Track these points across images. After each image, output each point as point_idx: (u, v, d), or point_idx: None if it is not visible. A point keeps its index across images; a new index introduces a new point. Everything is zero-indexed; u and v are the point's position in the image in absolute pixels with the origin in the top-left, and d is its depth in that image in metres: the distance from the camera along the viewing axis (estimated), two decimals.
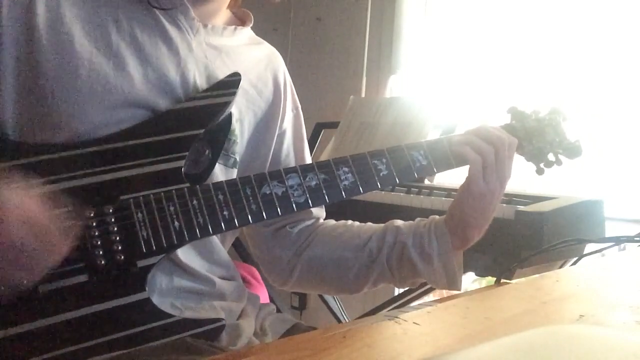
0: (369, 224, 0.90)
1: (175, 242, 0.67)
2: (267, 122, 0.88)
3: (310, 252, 0.89)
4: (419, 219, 0.87)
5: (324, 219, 0.95)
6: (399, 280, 0.87)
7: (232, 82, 0.76)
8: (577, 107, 0.97)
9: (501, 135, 0.81)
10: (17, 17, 0.67)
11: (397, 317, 0.54)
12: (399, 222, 0.88)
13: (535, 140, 0.93)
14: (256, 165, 0.86)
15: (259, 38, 0.93)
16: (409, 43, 2.21)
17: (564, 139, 0.94)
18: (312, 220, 0.93)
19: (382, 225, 0.88)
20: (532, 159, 0.94)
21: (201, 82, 0.76)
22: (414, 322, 0.53)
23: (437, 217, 0.85)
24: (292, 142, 0.93)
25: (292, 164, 0.91)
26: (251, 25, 0.90)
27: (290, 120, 0.93)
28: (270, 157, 0.89)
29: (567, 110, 0.96)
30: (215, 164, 0.77)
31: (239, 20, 0.90)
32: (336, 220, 0.94)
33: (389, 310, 0.91)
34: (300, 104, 0.96)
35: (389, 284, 0.89)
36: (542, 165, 0.95)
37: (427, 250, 0.82)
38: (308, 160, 0.95)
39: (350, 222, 0.93)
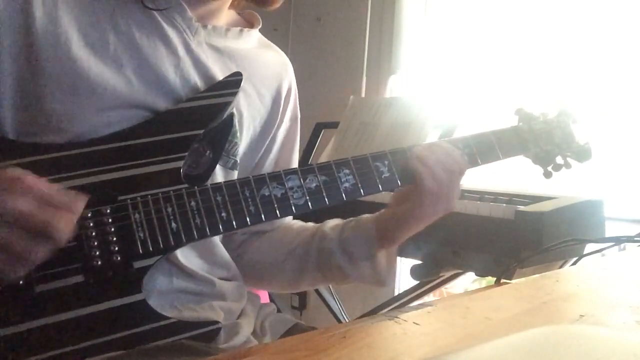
0: (307, 226, 0.91)
1: (172, 243, 0.67)
2: (264, 128, 0.87)
3: (248, 256, 0.90)
4: (348, 219, 0.87)
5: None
6: (331, 281, 0.88)
7: (232, 82, 0.76)
8: (582, 106, 0.96)
9: (457, 163, 0.78)
10: (14, 19, 0.67)
11: (397, 317, 0.54)
12: (328, 226, 0.88)
13: (543, 142, 0.91)
14: (243, 170, 0.85)
15: (268, 41, 0.92)
16: (409, 43, 2.21)
17: (572, 141, 0.93)
18: (270, 228, 0.92)
19: (314, 227, 0.89)
20: (539, 162, 0.93)
21: (201, 83, 0.76)
22: (414, 322, 0.53)
23: (365, 216, 0.85)
24: (278, 152, 0.92)
25: None
26: (259, 27, 0.89)
27: (285, 130, 0.92)
28: (256, 162, 0.88)
29: (576, 112, 0.95)
30: (215, 165, 0.76)
31: (246, 22, 0.89)
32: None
33: (389, 310, 0.90)
34: (300, 103, 0.95)
35: (328, 284, 0.91)
36: (549, 168, 0.93)
37: (353, 254, 0.82)
38: None
39: (293, 223, 0.93)
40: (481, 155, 0.85)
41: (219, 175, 0.78)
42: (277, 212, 0.72)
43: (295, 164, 0.95)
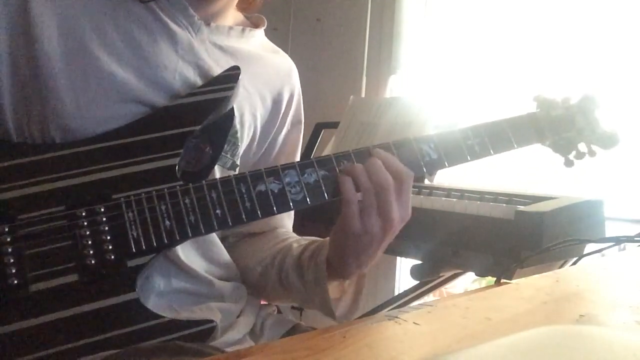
0: (287, 237, 0.89)
1: (166, 241, 0.66)
2: (264, 129, 0.87)
3: (234, 257, 0.88)
4: (313, 239, 0.84)
5: None
6: (294, 299, 0.86)
7: (230, 77, 0.75)
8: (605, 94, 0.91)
9: (387, 178, 0.70)
10: (10, 14, 0.67)
11: (397, 317, 0.54)
12: (296, 244, 0.85)
13: (563, 129, 0.87)
14: (241, 171, 0.84)
15: (275, 46, 0.92)
16: (409, 43, 2.21)
17: (597, 127, 0.88)
18: (259, 230, 0.91)
19: (286, 243, 0.87)
20: (560, 150, 0.89)
21: (200, 81, 0.76)
22: (414, 322, 0.53)
23: (327, 242, 0.78)
24: (278, 155, 0.91)
25: None
26: (264, 27, 0.89)
27: (285, 134, 0.91)
28: (253, 164, 0.87)
29: (599, 97, 0.89)
30: (215, 162, 0.76)
31: (252, 24, 0.89)
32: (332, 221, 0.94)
33: (389, 310, 0.90)
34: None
35: (291, 301, 0.88)
36: (571, 156, 0.89)
37: (304, 276, 0.80)
38: None
39: (281, 232, 0.91)
40: (494, 145, 0.81)
41: (217, 175, 0.77)
42: (274, 207, 0.70)
43: None
